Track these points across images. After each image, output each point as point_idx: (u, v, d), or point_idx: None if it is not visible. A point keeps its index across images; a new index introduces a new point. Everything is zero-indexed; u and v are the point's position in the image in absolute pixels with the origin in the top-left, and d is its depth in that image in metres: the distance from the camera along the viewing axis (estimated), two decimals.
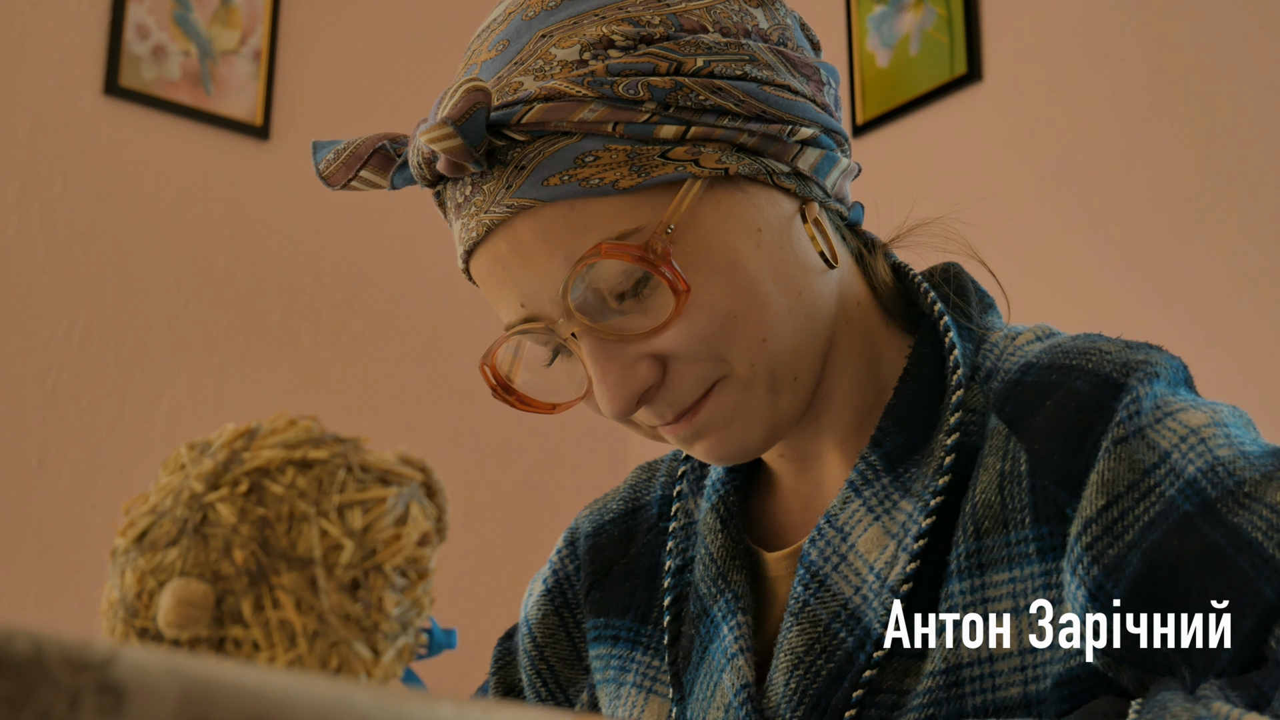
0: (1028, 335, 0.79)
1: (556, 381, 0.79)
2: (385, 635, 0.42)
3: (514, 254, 0.74)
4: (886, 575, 0.74)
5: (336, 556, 0.41)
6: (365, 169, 0.77)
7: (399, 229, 2.62)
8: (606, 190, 0.71)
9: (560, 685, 0.93)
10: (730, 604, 0.80)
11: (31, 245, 2.24)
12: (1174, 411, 0.70)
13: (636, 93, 0.72)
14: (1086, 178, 2.09)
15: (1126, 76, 2.07)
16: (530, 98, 0.71)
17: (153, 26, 2.40)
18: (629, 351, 0.73)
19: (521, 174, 0.72)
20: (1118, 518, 0.67)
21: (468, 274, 0.81)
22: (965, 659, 0.71)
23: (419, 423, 2.57)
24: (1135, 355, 0.73)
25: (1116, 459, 0.68)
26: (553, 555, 0.97)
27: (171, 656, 0.29)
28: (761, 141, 0.75)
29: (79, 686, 0.27)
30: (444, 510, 0.45)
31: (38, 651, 0.27)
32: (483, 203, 0.74)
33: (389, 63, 2.60)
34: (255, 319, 2.44)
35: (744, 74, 0.74)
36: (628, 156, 0.71)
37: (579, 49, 0.73)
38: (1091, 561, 0.67)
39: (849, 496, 0.77)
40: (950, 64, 2.28)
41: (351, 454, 0.43)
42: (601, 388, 0.74)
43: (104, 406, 2.26)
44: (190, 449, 0.44)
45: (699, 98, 0.73)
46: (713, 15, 0.76)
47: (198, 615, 0.40)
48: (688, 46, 0.73)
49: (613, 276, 0.72)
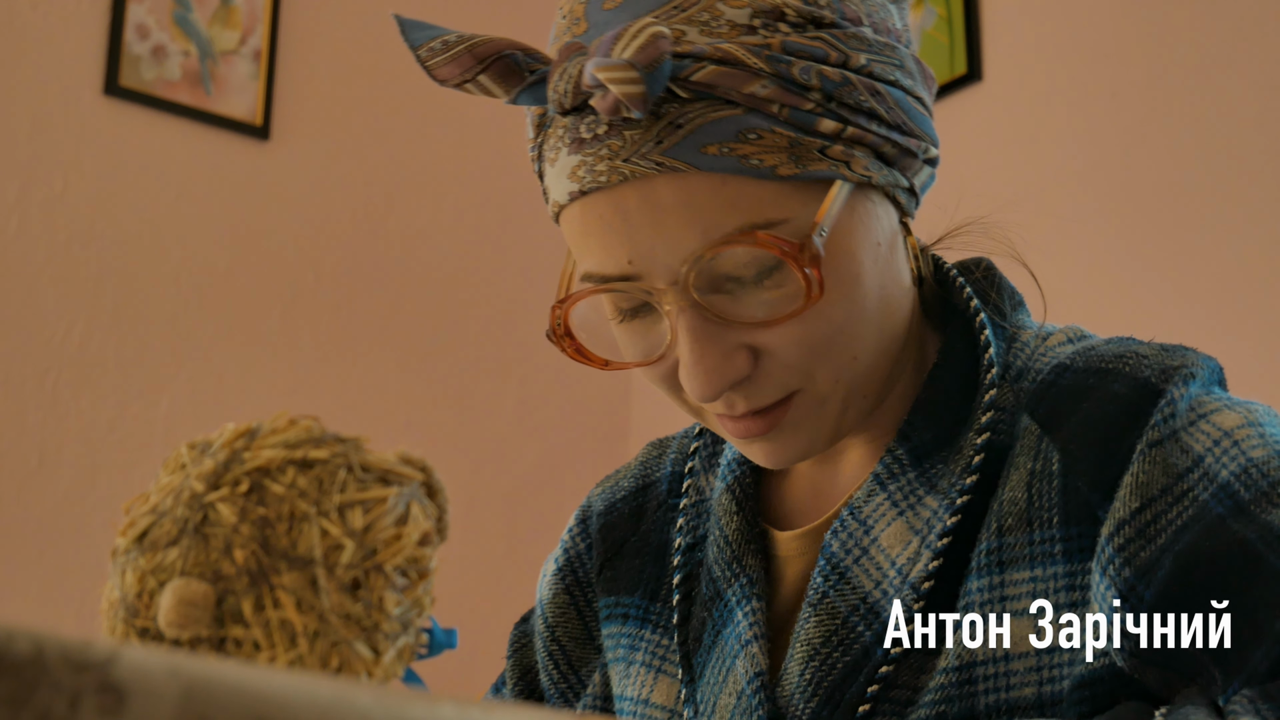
0: (1059, 336, 0.79)
1: (611, 338, 0.76)
2: (386, 635, 0.42)
3: (644, 211, 0.70)
4: (908, 571, 0.73)
5: (337, 556, 0.41)
6: (485, 74, 0.71)
7: (399, 229, 2.62)
8: (764, 174, 0.68)
9: (572, 666, 0.92)
10: (745, 589, 0.80)
11: (31, 245, 2.24)
12: (1208, 413, 0.70)
13: (809, 79, 0.69)
14: (1086, 178, 2.09)
15: (1126, 76, 2.07)
16: (703, 55, 0.68)
17: (153, 26, 2.40)
18: (730, 338, 0.71)
19: (677, 132, 0.68)
20: (1151, 520, 0.67)
21: (556, 215, 0.75)
22: (979, 657, 0.71)
23: (419, 423, 2.57)
24: (1172, 359, 0.72)
25: (1151, 462, 0.68)
26: (564, 534, 0.96)
27: (172, 656, 0.29)
28: (898, 154, 0.73)
29: (80, 686, 0.27)
30: (444, 510, 0.45)
31: (38, 651, 0.27)
32: (621, 149, 0.69)
33: (389, 63, 2.60)
34: (255, 319, 2.44)
35: (895, 80, 0.73)
36: (789, 144, 0.68)
37: (750, 13, 0.69)
38: (1124, 563, 0.67)
39: (874, 489, 0.76)
40: (950, 64, 2.28)
41: (352, 454, 0.43)
42: (697, 369, 0.71)
43: (104, 406, 2.26)
44: (191, 449, 0.44)
45: (859, 97, 0.70)
46: (867, 7, 0.73)
47: (198, 615, 0.40)
48: (853, 40, 0.71)
49: (741, 261, 0.69)
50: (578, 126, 0.71)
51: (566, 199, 0.72)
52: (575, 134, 0.71)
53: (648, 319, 0.74)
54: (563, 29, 0.73)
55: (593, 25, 0.71)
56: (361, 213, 2.59)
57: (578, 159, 0.71)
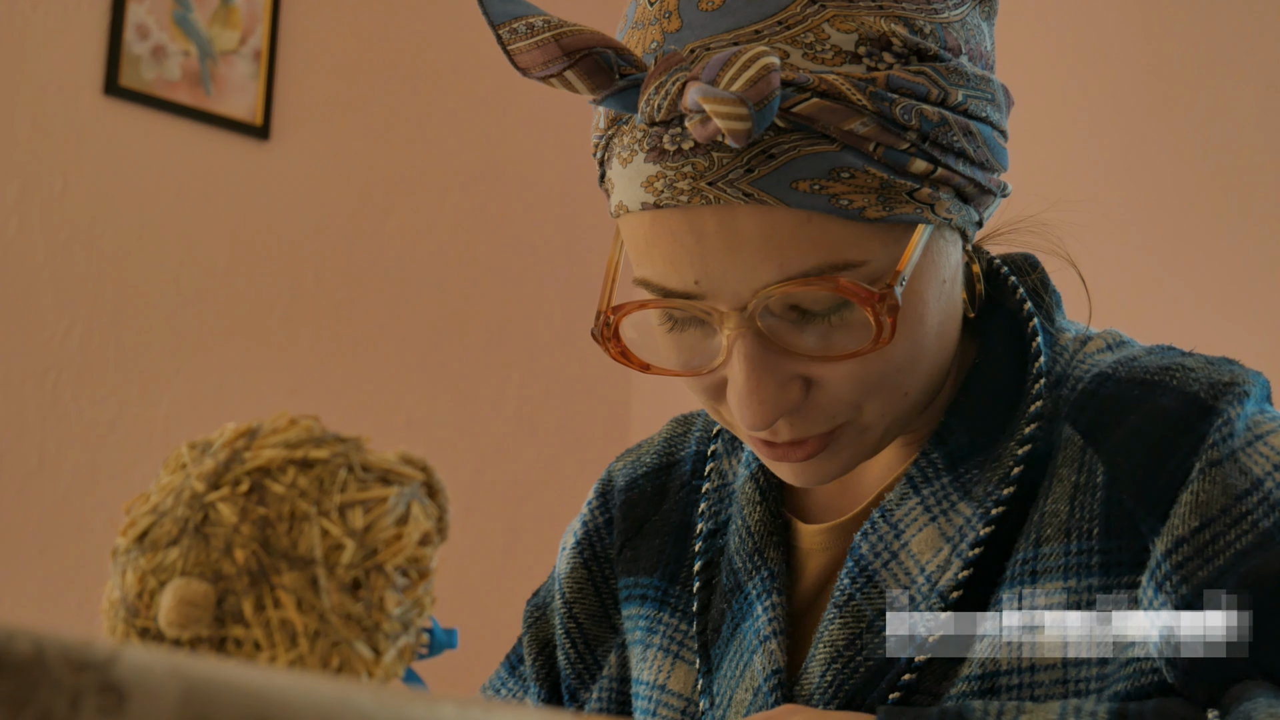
0: (1099, 342, 0.78)
1: (655, 343, 0.74)
2: (386, 635, 0.42)
3: (722, 236, 0.67)
4: (937, 580, 0.72)
5: (338, 556, 0.41)
6: (573, 70, 0.67)
7: (399, 229, 2.62)
8: (852, 215, 0.66)
9: (589, 645, 0.90)
10: (766, 583, 0.79)
11: (31, 245, 2.24)
12: (1265, 434, 0.70)
13: (909, 119, 0.66)
14: (1086, 178, 2.09)
15: (1126, 76, 2.07)
16: (806, 85, 0.65)
17: (153, 26, 2.40)
18: (786, 368, 0.69)
19: (770, 163, 0.65)
20: (1210, 540, 0.67)
21: (610, 207, 0.72)
22: (1003, 666, 0.70)
23: (419, 423, 2.57)
24: (1220, 374, 0.72)
25: (1210, 481, 0.68)
26: (584, 507, 0.94)
27: (172, 656, 0.29)
28: (978, 192, 0.71)
29: (80, 686, 0.27)
30: (445, 510, 0.45)
31: (39, 651, 0.27)
32: (708, 170, 0.66)
33: (389, 63, 2.60)
34: (255, 319, 2.44)
35: (986, 116, 0.70)
36: (880, 185, 0.66)
37: (856, 39, 0.66)
38: (1181, 580, 0.67)
39: (906, 493, 0.75)
40: None
41: (352, 454, 0.43)
42: (752, 398, 0.69)
43: (104, 406, 2.26)
44: (191, 448, 0.44)
45: (953, 137, 0.68)
46: (965, 32, 0.70)
47: (199, 615, 0.40)
48: (953, 75, 0.68)
49: (814, 296, 0.68)
50: (661, 136, 0.67)
51: (638, 207, 0.69)
52: (657, 142, 0.67)
53: (699, 331, 0.72)
54: (649, 15, 0.70)
55: (688, 25, 0.68)
56: (361, 213, 2.59)
57: (656, 169, 0.67)
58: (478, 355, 2.66)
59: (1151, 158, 2.02)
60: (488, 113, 2.68)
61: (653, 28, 0.69)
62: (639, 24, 0.71)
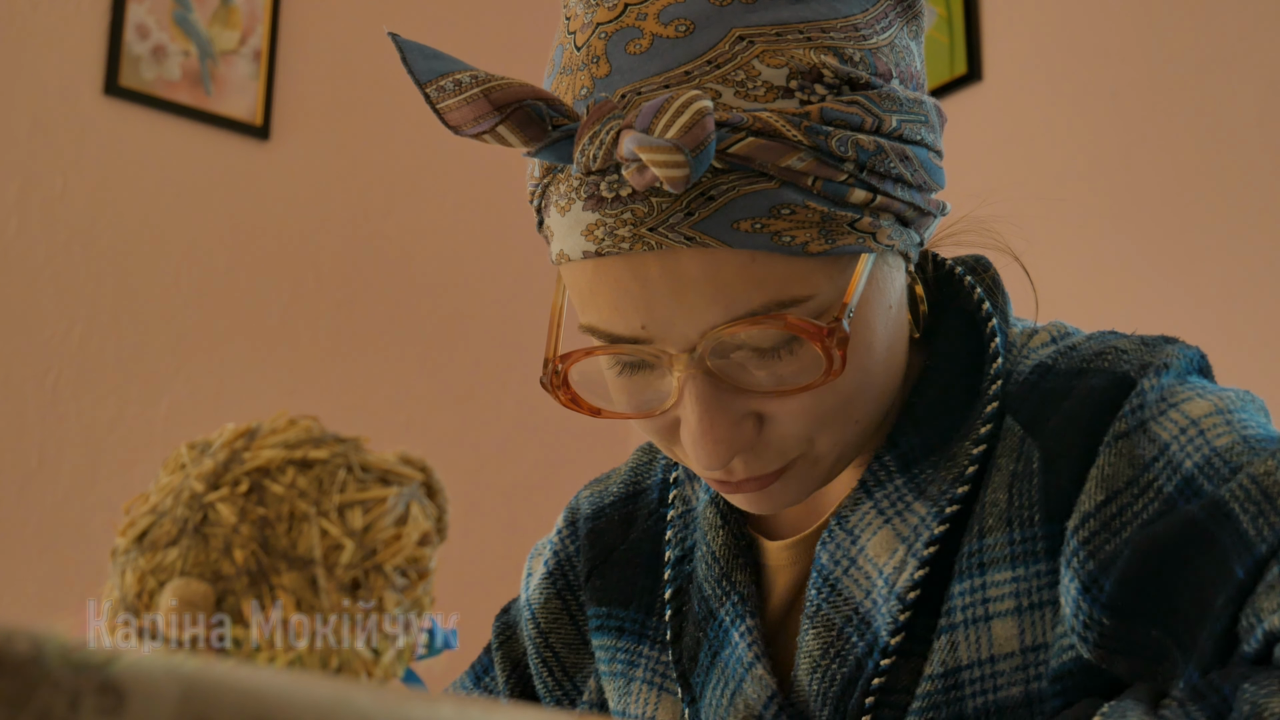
0: (1043, 336, 0.78)
1: (604, 387, 0.74)
2: (385, 635, 0.42)
3: (666, 281, 0.66)
4: (895, 581, 0.73)
5: (337, 556, 0.41)
6: (504, 125, 0.66)
7: (399, 229, 2.62)
8: (795, 251, 0.65)
9: (566, 672, 0.91)
10: (738, 608, 0.79)
11: (31, 245, 2.23)
12: (1178, 402, 0.69)
13: (846, 150, 0.66)
14: (1086, 178, 2.09)
15: (1126, 76, 2.07)
16: (740, 125, 0.64)
17: (153, 26, 2.40)
18: (738, 405, 0.69)
19: (709, 205, 0.65)
20: (1116, 513, 0.67)
21: (550, 255, 0.71)
22: (964, 661, 0.70)
23: (419, 423, 2.57)
24: (1151, 353, 0.72)
25: (1117, 454, 0.68)
26: (553, 535, 0.95)
27: (171, 656, 0.29)
28: (917, 215, 0.71)
29: (79, 686, 0.27)
30: (444, 510, 0.45)
31: (38, 651, 0.27)
32: (647, 216, 0.65)
33: (389, 63, 2.59)
34: (255, 319, 2.44)
35: (921, 139, 0.70)
36: (821, 219, 0.66)
37: (787, 74, 0.66)
38: (1088, 556, 0.66)
39: (860, 498, 0.75)
40: (950, 64, 2.28)
41: (352, 454, 0.43)
42: (706, 439, 0.68)
43: (104, 406, 2.26)
44: (190, 449, 0.44)
45: (889, 164, 0.68)
46: (894, 55, 0.70)
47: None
48: (886, 101, 0.68)
49: (758, 334, 0.67)
50: (598, 183, 0.67)
51: (579, 255, 0.68)
52: (594, 190, 0.67)
53: (650, 374, 0.71)
54: (576, 60, 0.69)
55: (617, 70, 0.67)
56: (361, 213, 2.59)
57: (595, 217, 0.67)
58: (477, 355, 2.66)
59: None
60: None
61: (581, 73, 0.69)
62: (566, 69, 0.70)
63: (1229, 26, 1.95)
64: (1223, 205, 1.93)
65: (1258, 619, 0.59)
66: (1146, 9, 2.05)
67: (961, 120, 2.26)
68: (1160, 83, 2.02)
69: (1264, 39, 1.91)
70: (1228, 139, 1.93)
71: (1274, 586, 0.59)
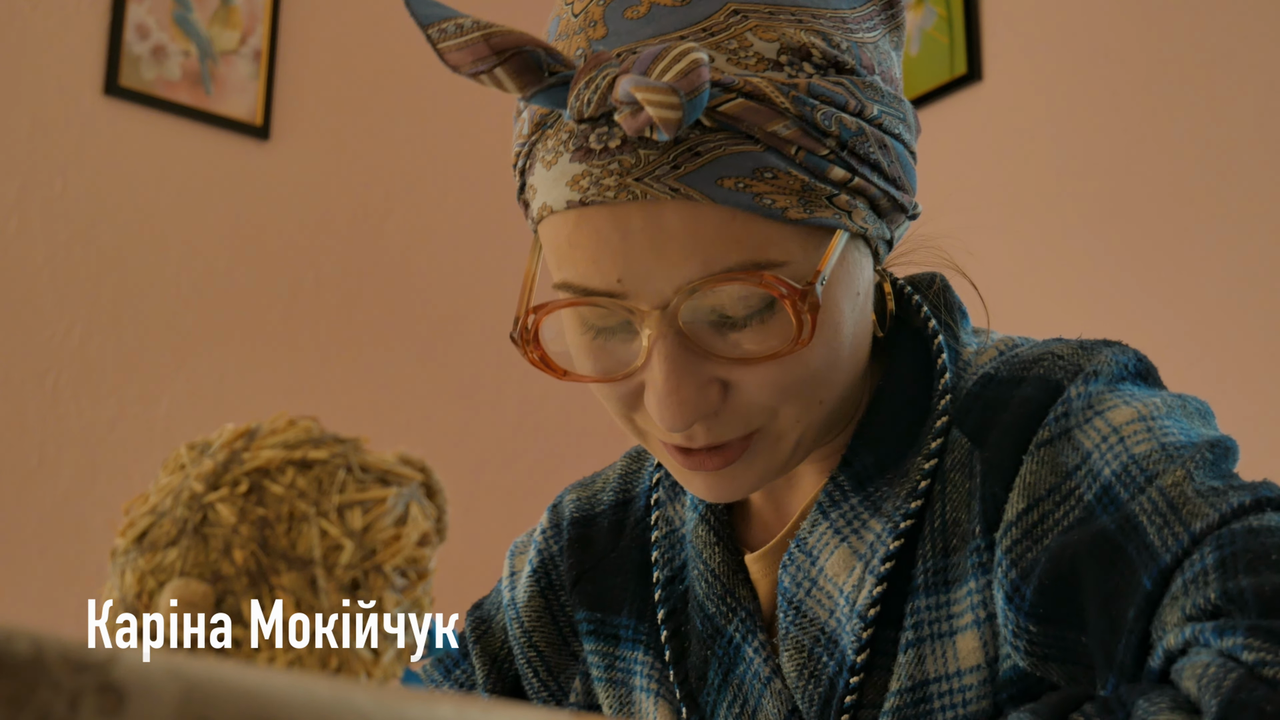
0: (991, 352, 0.78)
1: (576, 351, 0.74)
2: (385, 635, 0.42)
3: (647, 233, 0.67)
4: (855, 598, 0.74)
5: (336, 557, 0.41)
6: (502, 68, 0.67)
7: (399, 229, 2.62)
8: (774, 214, 0.67)
9: (552, 673, 0.91)
10: (746, 623, 0.79)
11: (31, 245, 2.24)
12: (1104, 410, 0.69)
13: (830, 125, 0.68)
14: (1086, 178, 2.10)
15: (1126, 76, 2.07)
16: (732, 86, 0.66)
17: (153, 26, 2.40)
18: (705, 370, 0.69)
19: (695, 160, 0.66)
20: (1037, 521, 0.67)
21: (531, 214, 0.73)
22: (930, 674, 0.71)
23: (419, 423, 2.57)
24: (1086, 358, 0.72)
25: (1039, 461, 0.68)
26: (536, 535, 0.95)
27: (172, 656, 0.29)
28: (891, 207, 0.72)
29: (79, 687, 0.27)
30: (444, 510, 0.45)
31: (38, 651, 0.27)
32: (634, 166, 0.67)
33: (389, 63, 2.60)
34: (255, 319, 2.44)
35: (899, 134, 0.72)
36: (802, 188, 0.67)
37: (778, 48, 0.68)
38: (1010, 564, 0.67)
39: (817, 519, 0.76)
40: (950, 64, 2.28)
41: (351, 454, 0.43)
42: (671, 399, 0.69)
43: (104, 406, 2.26)
44: (190, 449, 0.44)
45: (869, 148, 0.70)
46: (877, 54, 0.72)
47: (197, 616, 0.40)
48: (869, 89, 0.70)
49: (735, 296, 0.68)
50: (587, 135, 0.68)
51: (562, 206, 0.69)
52: (583, 142, 0.68)
53: (617, 337, 0.72)
54: (573, 25, 0.71)
55: (614, 32, 0.69)
56: (361, 213, 2.59)
57: (581, 168, 0.68)
58: (477, 356, 2.66)
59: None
60: (488, 113, 2.68)
61: (578, 36, 0.71)
62: (563, 35, 0.72)
63: (1229, 27, 1.95)
64: (1222, 205, 1.93)
65: (1162, 632, 0.59)
66: (1146, 9, 2.05)
67: (961, 120, 2.26)
68: (1160, 83, 2.02)
69: (1264, 39, 1.91)
70: (1227, 139, 1.93)
71: (1176, 598, 0.59)
